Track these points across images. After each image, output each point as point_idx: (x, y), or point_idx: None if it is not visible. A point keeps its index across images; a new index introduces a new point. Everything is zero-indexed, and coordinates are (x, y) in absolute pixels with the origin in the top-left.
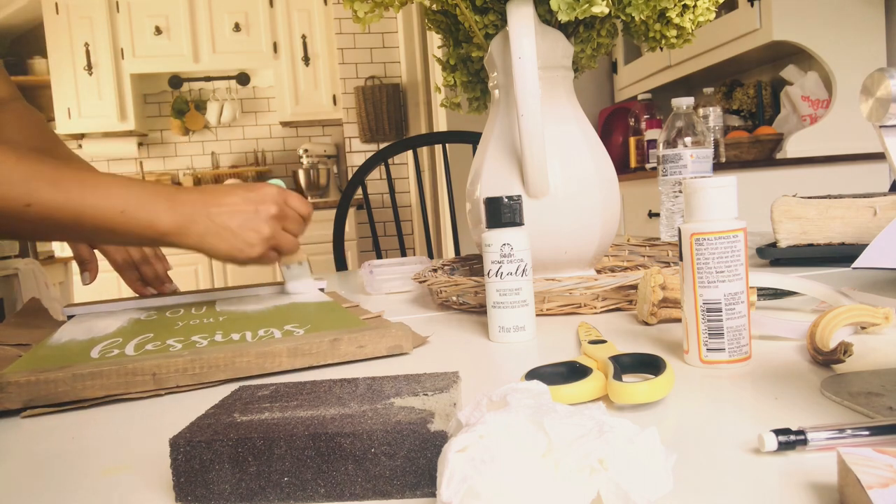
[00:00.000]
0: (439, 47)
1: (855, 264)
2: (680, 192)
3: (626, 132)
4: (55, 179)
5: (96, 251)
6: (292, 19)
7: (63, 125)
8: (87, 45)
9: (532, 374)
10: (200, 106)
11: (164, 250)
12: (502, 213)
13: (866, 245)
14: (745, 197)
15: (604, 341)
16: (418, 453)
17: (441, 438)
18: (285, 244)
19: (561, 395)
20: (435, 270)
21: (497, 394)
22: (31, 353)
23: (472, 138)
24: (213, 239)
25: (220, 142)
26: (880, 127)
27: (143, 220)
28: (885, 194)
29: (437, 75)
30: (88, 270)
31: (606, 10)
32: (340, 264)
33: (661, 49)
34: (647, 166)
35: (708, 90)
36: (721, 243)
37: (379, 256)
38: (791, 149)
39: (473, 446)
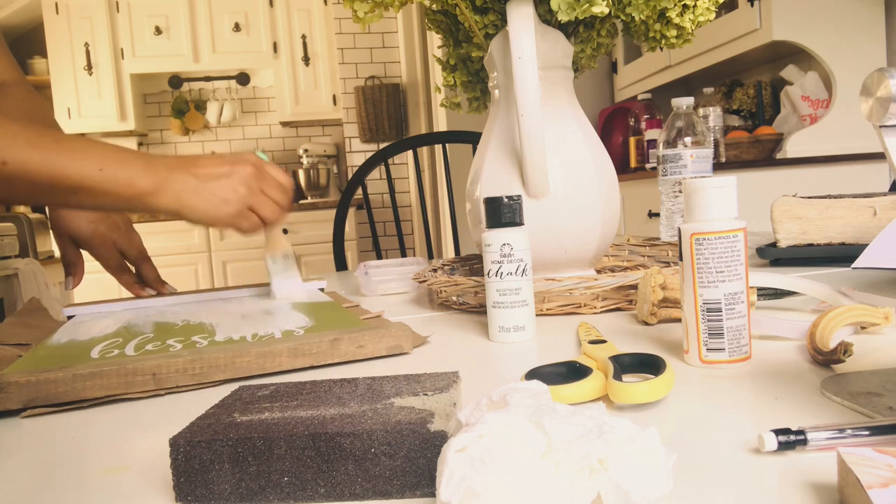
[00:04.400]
0: (439, 47)
1: (855, 264)
2: (680, 192)
3: (626, 132)
4: (32, 139)
5: (90, 255)
6: (292, 19)
7: (63, 125)
8: (87, 45)
9: (532, 374)
10: (200, 106)
11: (160, 250)
12: (502, 213)
13: (866, 245)
14: (745, 197)
15: (604, 341)
16: (418, 453)
17: (441, 438)
18: (264, 208)
19: (561, 395)
20: (435, 270)
21: (497, 394)
22: (31, 353)
23: (472, 138)
24: (190, 196)
25: (220, 142)
26: (880, 127)
27: (122, 179)
28: (885, 194)
29: (437, 75)
30: (73, 275)
31: (606, 10)
32: (340, 264)
33: (661, 49)
34: (647, 166)
35: (708, 90)
36: (721, 243)
37: (379, 256)
38: (791, 149)
39: (473, 446)
